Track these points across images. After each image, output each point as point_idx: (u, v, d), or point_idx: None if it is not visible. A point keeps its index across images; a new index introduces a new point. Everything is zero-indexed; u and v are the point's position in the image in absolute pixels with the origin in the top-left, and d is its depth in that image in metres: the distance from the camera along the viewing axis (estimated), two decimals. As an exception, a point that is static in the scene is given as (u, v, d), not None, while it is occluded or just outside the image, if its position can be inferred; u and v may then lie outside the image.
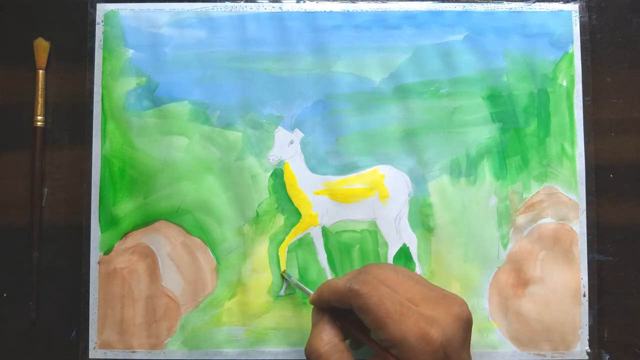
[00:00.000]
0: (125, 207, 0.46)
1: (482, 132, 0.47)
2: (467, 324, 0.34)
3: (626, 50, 0.48)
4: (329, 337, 0.35)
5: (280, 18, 0.47)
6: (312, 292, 0.39)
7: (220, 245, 0.46)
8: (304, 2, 0.47)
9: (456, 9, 0.48)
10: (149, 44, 0.47)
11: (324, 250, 0.46)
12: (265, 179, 0.46)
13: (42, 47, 0.47)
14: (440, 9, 0.48)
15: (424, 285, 0.36)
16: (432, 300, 0.34)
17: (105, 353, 0.45)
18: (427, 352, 0.32)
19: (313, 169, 0.47)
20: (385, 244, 0.46)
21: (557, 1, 0.48)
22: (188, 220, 0.46)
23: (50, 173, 0.47)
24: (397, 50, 0.47)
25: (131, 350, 0.45)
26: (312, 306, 0.39)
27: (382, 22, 0.47)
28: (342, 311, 0.37)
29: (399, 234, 0.46)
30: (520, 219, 0.46)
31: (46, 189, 0.47)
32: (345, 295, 0.35)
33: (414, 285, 0.35)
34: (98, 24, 0.47)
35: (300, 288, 0.43)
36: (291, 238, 0.46)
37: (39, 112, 0.47)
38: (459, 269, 0.46)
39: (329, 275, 0.46)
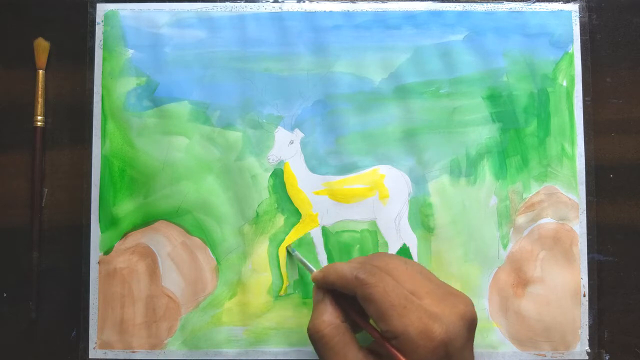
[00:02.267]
0: (125, 207, 0.46)
1: (482, 132, 0.47)
2: (471, 324, 0.34)
3: (626, 50, 0.48)
4: (330, 319, 0.36)
5: (280, 18, 0.47)
6: (314, 270, 0.39)
7: (220, 245, 0.46)
8: (304, 2, 0.47)
9: (456, 9, 0.48)
10: (149, 44, 0.47)
11: (324, 250, 0.46)
12: (265, 179, 0.46)
13: (42, 47, 0.47)
14: (440, 9, 0.48)
15: (431, 281, 0.36)
16: (437, 297, 0.34)
17: (105, 353, 0.45)
18: (428, 347, 0.32)
19: (313, 169, 0.47)
20: (385, 244, 0.46)
21: (557, 1, 0.48)
22: (188, 220, 0.46)
23: (50, 173, 0.47)
24: (397, 50, 0.47)
25: (131, 350, 0.45)
26: (307, 295, 0.39)
27: (382, 22, 0.47)
28: (344, 294, 0.37)
29: (399, 234, 0.46)
30: (520, 219, 0.46)
31: (46, 189, 0.47)
32: (351, 282, 0.35)
33: (422, 280, 0.35)
34: (98, 24, 0.47)
35: (303, 264, 0.44)
36: (291, 238, 0.46)
37: (39, 112, 0.47)
38: (459, 269, 0.46)
39: (329, 275, 0.46)
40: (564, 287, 0.46)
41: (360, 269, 0.35)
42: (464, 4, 0.48)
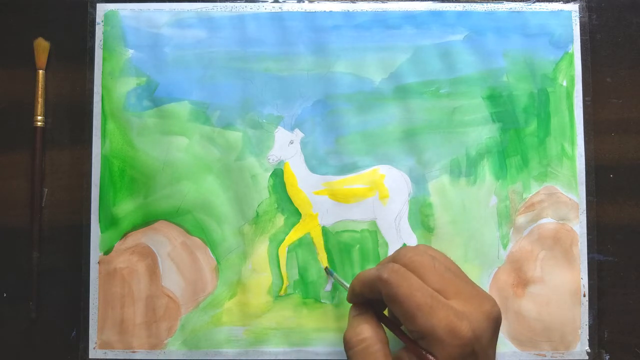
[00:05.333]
0: (125, 207, 0.46)
1: (482, 132, 0.47)
2: (496, 323, 0.34)
3: (626, 50, 0.48)
4: (373, 328, 0.35)
5: (280, 18, 0.47)
6: None
7: (220, 245, 0.46)
8: (304, 2, 0.47)
9: (456, 9, 0.48)
10: (149, 44, 0.47)
11: (324, 250, 0.46)
12: (265, 179, 0.46)
13: (42, 47, 0.47)
14: (440, 9, 0.48)
15: (460, 278, 0.35)
16: (464, 295, 0.34)
17: (105, 353, 0.45)
18: (455, 345, 0.32)
19: (313, 169, 0.47)
20: (386, 244, 0.46)
21: (557, 1, 0.48)
22: (188, 220, 0.46)
23: (50, 173, 0.47)
24: (397, 50, 0.47)
25: (131, 350, 0.45)
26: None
27: (382, 22, 0.47)
28: (375, 305, 0.37)
29: (399, 234, 0.46)
30: (520, 219, 0.46)
31: (46, 189, 0.47)
32: (375, 283, 0.34)
33: (450, 277, 0.35)
34: (98, 24, 0.47)
35: (341, 284, 0.43)
36: (291, 238, 0.46)
37: (39, 112, 0.47)
38: (459, 269, 0.46)
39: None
40: (564, 287, 0.46)
41: (383, 269, 0.34)
42: (464, 4, 0.48)
